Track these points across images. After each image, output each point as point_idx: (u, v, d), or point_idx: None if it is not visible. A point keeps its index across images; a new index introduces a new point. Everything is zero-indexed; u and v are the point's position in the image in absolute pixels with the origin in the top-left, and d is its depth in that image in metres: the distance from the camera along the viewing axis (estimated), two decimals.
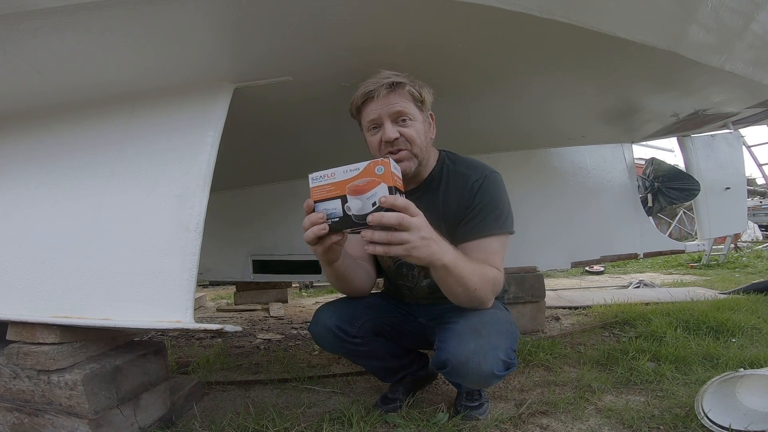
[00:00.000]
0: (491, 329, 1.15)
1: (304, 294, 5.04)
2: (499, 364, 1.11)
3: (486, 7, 1.05)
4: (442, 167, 1.31)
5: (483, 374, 1.11)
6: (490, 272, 1.16)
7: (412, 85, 1.19)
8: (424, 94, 1.21)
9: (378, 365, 1.44)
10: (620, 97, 1.93)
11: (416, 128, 1.19)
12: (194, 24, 1.03)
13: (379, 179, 0.88)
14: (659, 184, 2.86)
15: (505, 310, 1.33)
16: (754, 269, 5.66)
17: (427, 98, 1.22)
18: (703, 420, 1.21)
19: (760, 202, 11.51)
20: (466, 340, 1.12)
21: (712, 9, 1.36)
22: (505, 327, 1.21)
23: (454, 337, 1.14)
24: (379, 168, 0.88)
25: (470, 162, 1.31)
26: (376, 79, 1.17)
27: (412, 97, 1.19)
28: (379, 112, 1.17)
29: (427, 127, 1.24)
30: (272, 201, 2.66)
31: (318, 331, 1.32)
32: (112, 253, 1.14)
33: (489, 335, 1.13)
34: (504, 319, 1.24)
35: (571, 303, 3.27)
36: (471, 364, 1.10)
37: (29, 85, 1.18)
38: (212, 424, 1.30)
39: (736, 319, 2.21)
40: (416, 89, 1.19)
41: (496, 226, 1.22)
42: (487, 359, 1.09)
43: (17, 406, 1.15)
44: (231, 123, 1.21)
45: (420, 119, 1.21)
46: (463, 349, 1.11)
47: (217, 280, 4.57)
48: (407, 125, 1.17)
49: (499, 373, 1.12)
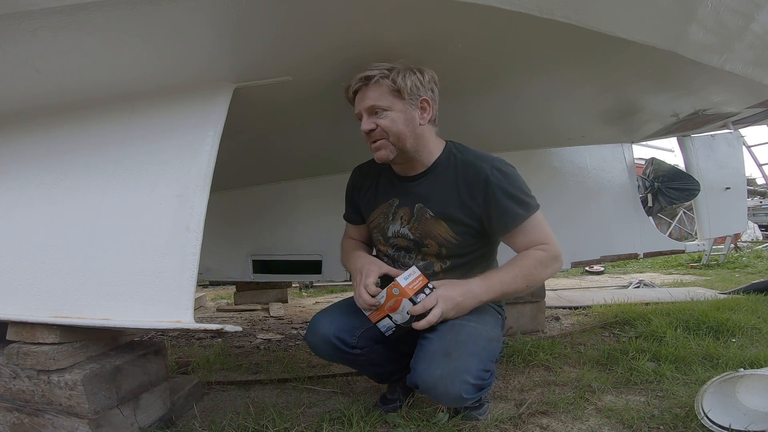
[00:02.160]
0: (463, 350, 1.15)
1: (304, 294, 5.04)
2: (467, 388, 1.12)
3: (486, 6, 1.05)
4: (449, 155, 1.31)
5: (452, 398, 1.14)
6: (533, 258, 1.26)
7: (387, 75, 1.20)
8: (400, 82, 1.20)
9: (376, 371, 1.45)
10: (620, 97, 1.93)
11: (392, 118, 1.22)
12: (194, 24, 1.03)
13: (400, 297, 1.19)
14: (659, 184, 2.86)
15: (490, 323, 1.31)
16: (754, 269, 5.66)
17: (408, 85, 1.21)
18: (703, 420, 1.21)
19: (760, 202, 11.50)
20: (435, 365, 1.14)
21: (712, 9, 1.37)
22: (482, 345, 1.20)
23: (425, 360, 1.16)
24: (395, 290, 1.20)
25: (479, 153, 1.32)
26: (358, 74, 1.22)
27: (389, 88, 1.20)
28: (358, 107, 1.25)
29: (411, 115, 1.24)
30: (272, 201, 2.65)
31: (316, 342, 1.31)
32: (112, 253, 1.14)
33: (459, 357, 1.14)
34: (483, 335, 1.22)
35: (571, 303, 3.27)
36: (439, 389, 1.13)
37: (29, 85, 1.17)
38: (212, 424, 1.30)
39: (736, 319, 2.20)
40: (391, 80, 1.20)
41: (524, 211, 1.26)
42: (454, 384, 1.11)
43: (17, 406, 1.15)
44: (231, 123, 1.21)
45: (399, 108, 1.22)
46: (430, 375, 1.13)
47: (217, 280, 4.57)
48: (382, 116, 1.22)
49: (467, 396, 1.14)
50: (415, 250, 1.35)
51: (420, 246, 1.33)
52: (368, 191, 1.42)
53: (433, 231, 1.30)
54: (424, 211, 1.30)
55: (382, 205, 1.38)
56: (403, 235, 1.34)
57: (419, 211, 1.31)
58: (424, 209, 1.30)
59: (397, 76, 1.20)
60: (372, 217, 1.41)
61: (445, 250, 1.31)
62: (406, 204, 1.33)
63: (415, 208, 1.32)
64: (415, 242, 1.33)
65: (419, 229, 1.31)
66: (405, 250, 1.37)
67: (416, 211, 1.32)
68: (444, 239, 1.30)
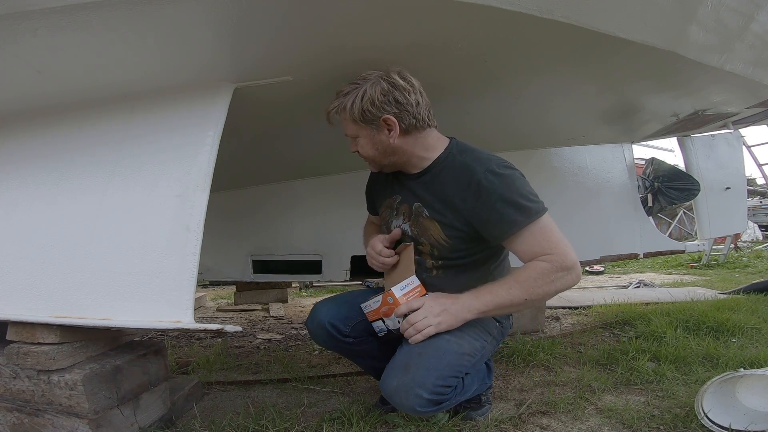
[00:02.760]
0: (423, 364, 1.15)
1: (304, 294, 5.03)
2: (420, 401, 1.12)
3: (486, 7, 1.05)
4: (448, 155, 1.28)
5: (406, 408, 1.17)
6: (532, 270, 1.16)
7: (344, 108, 1.20)
8: (360, 108, 1.18)
9: (374, 365, 1.45)
10: (620, 97, 1.93)
11: (361, 144, 1.26)
12: (194, 24, 1.03)
13: (393, 306, 1.22)
14: (659, 184, 2.86)
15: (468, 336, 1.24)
16: (754, 269, 5.66)
17: (366, 110, 1.18)
18: (703, 420, 1.21)
19: (760, 202, 11.50)
20: (393, 376, 1.17)
21: (712, 9, 1.36)
22: (447, 360, 1.16)
23: (389, 369, 1.21)
24: (389, 298, 1.23)
25: (478, 154, 1.26)
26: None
27: (351, 117, 1.21)
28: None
29: (379, 138, 1.22)
30: (272, 201, 2.65)
31: (313, 327, 1.37)
32: (112, 253, 1.14)
33: (417, 370, 1.14)
34: (452, 350, 1.18)
35: (571, 303, 3.27)
36: (395, 400, 1.17)
37: (29, 85, 1.17)
38: (212, 424, 1.30)
39: (736, 319, 2.21)
40: (349, 111, 1.20)
41: (523, 217, 1.16)
42: (408, 397, 1.13)
43: (17, 406, 1.15)
44: (231, 123, 1.21)
45: (365, 134, 1.23)
46: (389, 385, 1.17)
47: (217, 280, 4.56)
48: (356, 142, 1.27)
49: (421, 409, 1.14)
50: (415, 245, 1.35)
51: (417, 243, 1.33)
52: (380, 185, 1.45)
53: (428, 231, 1.30)
54: (421, 210, 1.31)
55: (388, 200, 1.40)
56: (404, 231, 1.35)
57: (417, 210, 1.32)
58: (421, 208, 1.31)
59: (353, 104, 1.19)
60: (381, 210, 1.45)
61: (437, 251, 1.31)
62: (406, 201, 1.34)
63: (414, 206, 1.32)
64: (413, 239, 1.33)
65: (417, 227, 1.32)
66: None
67: (414, 209, 1.32)
68: (436, 240, 1.29)
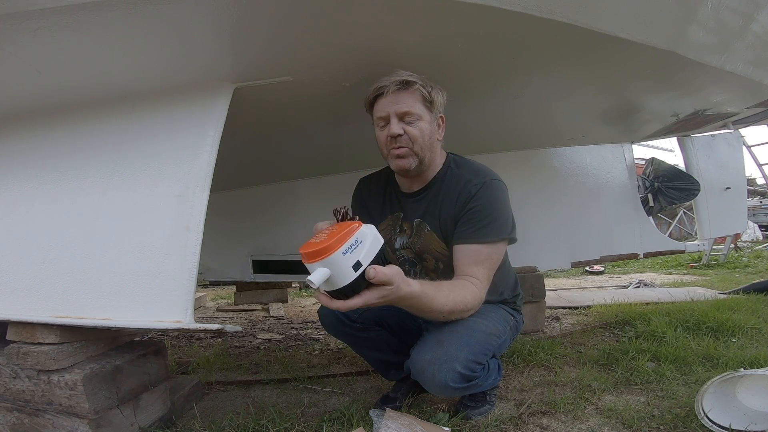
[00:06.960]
0: (456, 340, 1.16)
1: (304, 294, 5.03)
2: (454, 376, 1.13)
3: (486, 7, 1.05)
4: (446, 170, 1.31)
5: (438, 384, 1.14)
6: (465, 292, 1.14)
7: (423, 85, 1.20)
8: (434, 95, 1.22)
9: (379, 357, 1.45)
10: (620, 97, 1.93)
11: (420, 128, 1.21)
12: (194, 24, 1.03)
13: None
14: (659, 184, 2.86)
15: (494, 319, 1.30)
16: (754, 269, 5.66)
17: (437, 100, 1.24)
18: (703, 420, 1.21)
19: (760, 202, 11.49)
20: (426, 350, 1.17)
21: (712, 9, 1.36)
22: (477, 338, 1.20)
23: (419, 345, 1.20)
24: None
25: (475, 167, 1.31)
26: (390, 76, 1.20)
27: (422, 97, 1.20)
28: (387, 110, 1.21)
29: (434, 128, 1.25)
30: (272, 201, 2.66)
31: (324, 312, 1.38)
32: (112, 253, 1.14)
33: (450, 345, 1.15)
34: (481, 329, 1.22)
35: (571, 303, 3.27)
36: (426, 374, 1.15)
37: (29, 85, 1.17)
38: (212, 424, 1.30)
39: (736, 319, 2.20)
40: (426, 90, 1.21)
41: (486, 234, 1.20)
42: (441, 370, 1.12)
43: (17, 406, 1.15)
44: (231, 123, 1.21)
45: (427, 119, 1.22)
46: (420, 359, 1.16)
47: (217, 280, 4.57)
48: (412, 124, 1.21)
49: (454, 384, 1.14)
50: (418, 263, 1.38)
51: (420, 260, 1.36)
52: (378, 199, 1.43)
53: (430, 246, 1.32)
54: (423, 225, 1.32)
55: (390, 217, 1.40)
56: (408, 248, 1.37)
57: (418, 226, 1.33)
58: (422, 224, 1.32)
59: (430, 89, 1.21)
60: (381, 227, 1.41)
61: (442, 265, 1.32)
62: (408, 219, 1.35)
63: (415, 223, 1.33)
64: (417, 255, 1.36)
65: (418, 243, 1.33)
66: (410, 263, 1.40)
67: (416, 226, 1.33)
68: (439, 253, 1.31)
